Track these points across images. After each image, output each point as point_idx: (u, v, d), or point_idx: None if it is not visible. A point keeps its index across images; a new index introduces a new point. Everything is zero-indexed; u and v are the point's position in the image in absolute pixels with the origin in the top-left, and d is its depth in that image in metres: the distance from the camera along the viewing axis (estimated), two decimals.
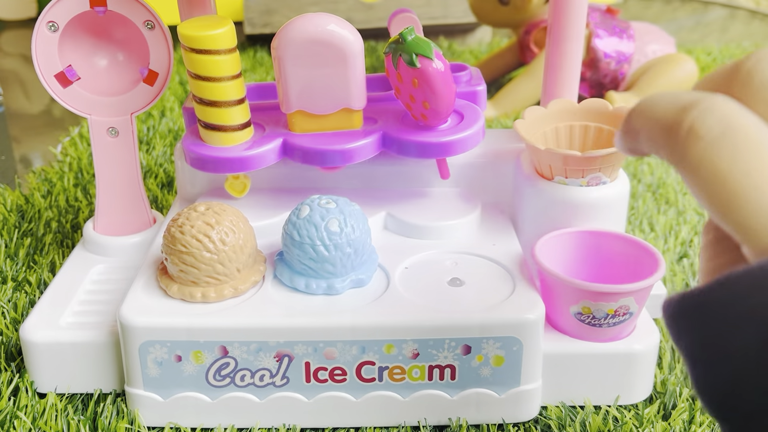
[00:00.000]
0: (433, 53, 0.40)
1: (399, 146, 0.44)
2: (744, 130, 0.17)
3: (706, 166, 0.18)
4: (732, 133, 0.17)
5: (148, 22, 0.44)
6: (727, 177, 0.17)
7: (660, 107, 0.19)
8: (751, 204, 0.17)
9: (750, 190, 0.17)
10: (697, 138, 0.18)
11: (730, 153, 0.17)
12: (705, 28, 1.27)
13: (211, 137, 0.44)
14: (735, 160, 0.17)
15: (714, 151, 0.17)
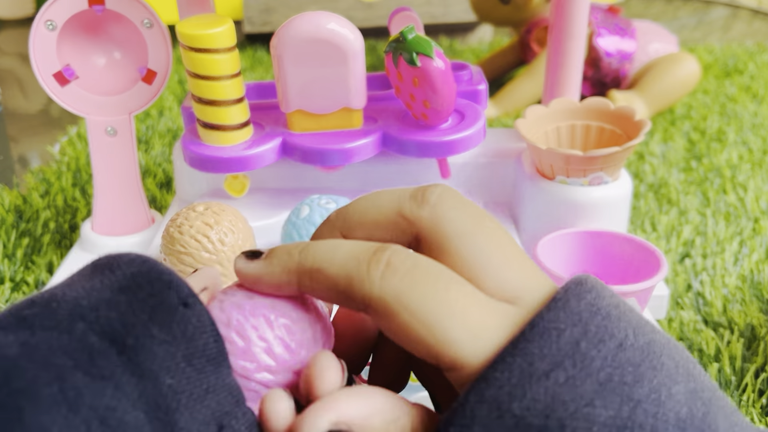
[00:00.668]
0: (433, 52, 0.40)
1: (399, 145, 0.44)
2: (425, 263, 0.20)
3: (405, 298, 0.19)
4: (415, 270, 0.20)
5: (147, 21, 0.44)
6: (426, 306, 0.19)
7: (346, 250, 0.21)
8: (450, 327, 0.19)
9: (446, 315, 0.19)
10: (394, 271, 0.19)
11: (422, 287, 0.19)
12: (707, 27, 1.27)
13: (210, 136, 0.44)
14: (428, 292, 0.19)
15: (408, 283, 0.19)
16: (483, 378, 0.18)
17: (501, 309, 0.20)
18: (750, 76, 0.98)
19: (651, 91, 0.81)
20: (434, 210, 0.21)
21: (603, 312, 0.19)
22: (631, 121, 0.46)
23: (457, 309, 0.19)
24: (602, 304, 0.20)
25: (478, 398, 0.18)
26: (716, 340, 0.46)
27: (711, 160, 0.73)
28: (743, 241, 0.59)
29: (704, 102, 0.89)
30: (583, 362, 0.18)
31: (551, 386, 0.18)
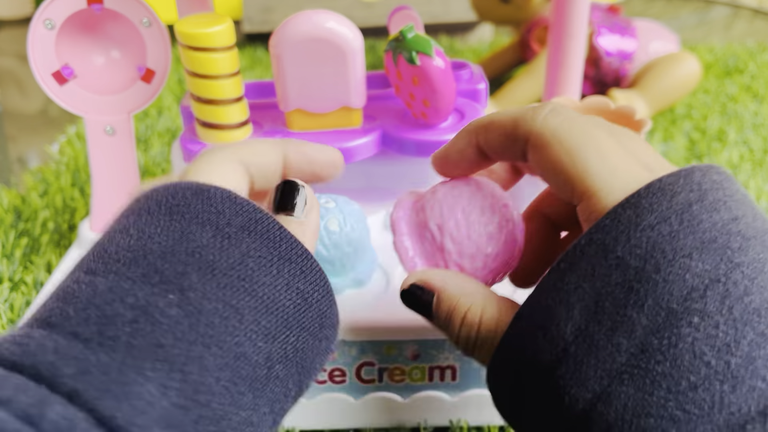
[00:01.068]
0: (433, 51, 0.40)
1: (399, 145, 0.44)
2: (582, 116, 0.24)
3: (561, 133, 0.23)
4: (578, 118, 0.24)
5: (146, 20, 0.44)
6: (575, 141, 0.23)
7: (514, 108, 0.25)
8: (591, 162, 0.22)
9: (592, 152, 0.23)
10: (557, 114, 0.24)
11: (578, 128, 0.23)
12: (708, 27, 1.26)
13: (209, 135, 0.44)
14: (582, 132, 0.23)
15: (567, 125, 0.23)
16: (596, 225, 0.21)
17: (638, 167, 0.22)
18: (751, 76, 0.98)
19: (651, 91, 0.81)
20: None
21: (727, 191, 0.21)
22: (631, 121, 0.45)
23: (602, 148, 0.23)
24: (729, 186, 0.22)
25: (588, 240, 0.21)
26: None
27: (712, 159, 0.73)
28: None
29: (705, 101, 0.89)
30: (691, 221, 0.20)
31: (654, 236, 0.20)
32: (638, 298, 0.20)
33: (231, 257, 0.21)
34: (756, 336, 0.19)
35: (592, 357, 0.20)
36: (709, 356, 0.19)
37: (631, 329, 0.20)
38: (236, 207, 0.22)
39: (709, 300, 0.19)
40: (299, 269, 0.23)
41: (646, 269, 0.20)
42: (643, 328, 0.20)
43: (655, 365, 0.19)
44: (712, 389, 0.18)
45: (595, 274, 0.21)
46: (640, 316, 0.20)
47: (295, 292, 0.22)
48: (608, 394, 0.20)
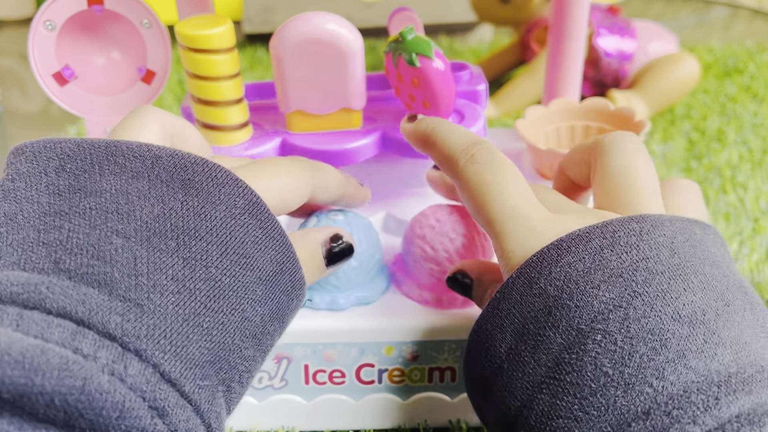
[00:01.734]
0: (433, 52, 0.40)
1: (399, 146, 0.44)
2: (503, 161, 0.29)
3: (476, 179, 0.29)
4: (497, 161, 0.29)
5: (146, 21, 0.44)
6: (486, 187, 0.28)
7: (454, 137, 0.31)
8: (497, 204, 0.28)
9: (496, 196, 0.28)
10: (474, 161, 0.29)
11: (491, 172, 0.28)
12: (707, 27, 1.26)
13: (209, 137, 0.44)
14: (494, 176, 0.28)
15: (482, 170, 0.29)
16: (527, 262, 0.26)
17: (550, 216, 0.27)
18: (750, 76, 0.98)
19: (651, 91, 0.81)
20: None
21: (644, 237, 0.25)
22: (631, 122, 0.45)
23: (509, 207, 0.28)
24: (650, 232, 0.25)
25: (518, 274, 0.26)
26: None
27: (711, 160, 0.73)
28: (743, 241, 0.59)
29: (704, 102, 0.89)
30: (601, 261, 0.24)
31: (570, 271, 0.24)
32: (555, 321, 0.24)
33: (236, 237, 0.25)
34: (648, 350, 0.22)
35: (519, 371, 0.25)
36: (608, 367, 0.22)
37: (548, 346, 0.24)
38: (240, 191, 0.26)
39: (611, 322, 0.23)
40: (279, 244, 0.27)
41: (562, 297, 0.24)
42: (558, 345, 0.24)
43: (565, 375, 0.23)
44: (607, 394, 0.22)
45: (522, 302, 0.25)
46: (556, 335, 0.24)
47: (276, 263, 0.27)
48: (531, 402, 0.24)
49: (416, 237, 0.38)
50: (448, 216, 0.38)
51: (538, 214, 0.27)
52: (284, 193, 0.29)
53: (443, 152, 0.31)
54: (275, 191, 0.29)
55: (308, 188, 0.31)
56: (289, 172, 0.30)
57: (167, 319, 0.22)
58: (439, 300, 0.38)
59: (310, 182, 0.31)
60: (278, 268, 0.27)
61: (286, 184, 0.29)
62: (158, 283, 0.22)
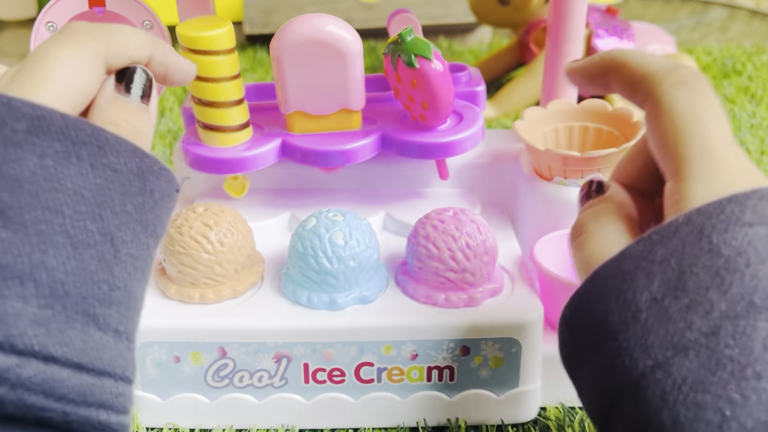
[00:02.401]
0: (432, 54, 0.40)
1: (398, 147, 0.44)
2: (714, 93, 0.25)
3: (683, 104, 0.24)
4: (709, 91, 0.25)
5: (147, 23, 0.44)
6: (694, 117, 0.24)
7: (652, 57, 0.26)
8: (695, 149, 0.24)
9: (698, 139, 0.24)
10: (685, 84, 0.25)
11: (703, 102, 0.24)
12: (705, 28, 1.27)
13: (210, 138, 0.44)
14: (706, 106, 0.24)
15: (694, 96, 0.24)
16: (698, 209, 0.22)
17: (739, 167, 0.24)
18: (748, 77, 0.98)
19: None
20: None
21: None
22: (628, 123, 0.46)
23: (711, 137, 0.24)
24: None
25: (686, 220, 0.22)
26: None
27: None
28: None
29: None
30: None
31: (751, 234, 0.21)
32: (723, 285, 0.21)
33: (29, 163, 0.22)
34: None
35: (661, 328, 0.21)
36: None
37: (707, 311, 0.21)
38: (17, 113, 0.22)
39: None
40: (97, 146, 0.23)
41: (737, 261, 0.21)
42: (720, 312, 0.21)
43: (724, 348, 0.20)
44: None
45: (685, 253, 0.22)
46: (720, 301, 0.21)
47: (101, 168, 0.23)
48: (670, 365, 0.21)
49: (420, 237, 0.39)
50: (451, 217, 0.39)
51: (739, 166, 0.23)
52: (69, 86, 0.25)
53: (639, 70, 0.26)
54: (57, 91, 0.24)
55: (98, 63, 0.26)
56: (67, 59, 0.25)
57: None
58: (447, 299, 0.39)
59: (98, 55, 0.26)
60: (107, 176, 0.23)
61: (66, 74, 0.25)
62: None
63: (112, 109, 0.26)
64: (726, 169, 0.23)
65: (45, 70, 0.24)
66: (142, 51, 0.28)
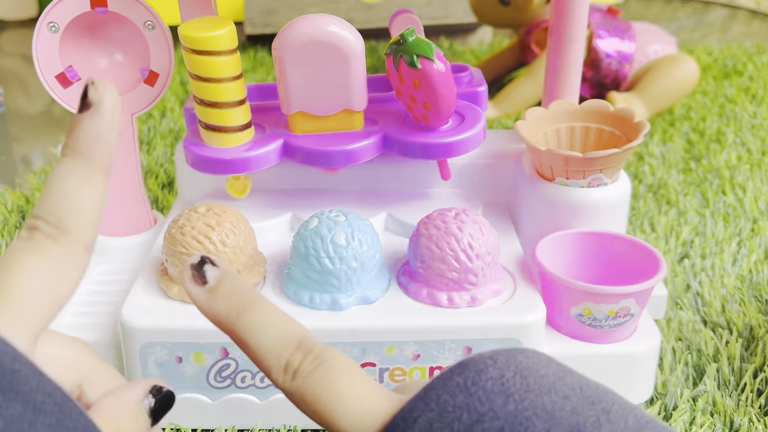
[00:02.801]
0: (434, 54, 0.40)
1: (400, 147, 0.44)
2: (332, 360, 0.23)
3: (304, 394, 0.23)
4: (324, 366, 0.23)
5: (149, 23, 0.44)
6: (314, 401, 0.23)
7: (272, 336, 0.24)
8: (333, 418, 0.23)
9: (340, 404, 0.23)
10: (300, 374, 0.23)
11: (319, 384, 0.23)
12: (706, 28, 1.27)
13: (211, 138, 0.44)
14: (321, 388, 0.23)
15: (307, 384, 0.23)
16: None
17: (381, 398, 0.23)
18: (749, 77, 0.98)
19: (650, 93, 0.81)
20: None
21: (471, 389, 0.22)
22: (630, 123, 0.46)
23: (342, 402, 0.23)
24: (477, 381, 0.22)
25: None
26: (715, 341, 0.47)
27: (710, 161, 0.74)
28: (742, 242, 0.59)
29: (703, 103, 0.89)
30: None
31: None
32: None
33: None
34: None
35: None
36: None
37: None
38: None
39: None
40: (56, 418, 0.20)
41: None
42: None
43: None
44: None
45: None
46: None
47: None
48: None
49: (422, 237, 0.39)
50: (453, 217, 0.39)
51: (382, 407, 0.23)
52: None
53: (259, 359, 0.24)
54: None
55: None
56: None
57: None
58: (450, 299, 0.39)
59: None
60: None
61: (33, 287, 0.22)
62: None
63: (128, 420, 0.24)
64: (371, 406, 0.23)
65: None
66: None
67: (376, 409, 0.23)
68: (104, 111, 0.24)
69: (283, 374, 0.23)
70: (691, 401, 0.42)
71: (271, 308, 0.24)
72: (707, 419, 0.41)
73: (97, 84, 0.24)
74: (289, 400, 0.24)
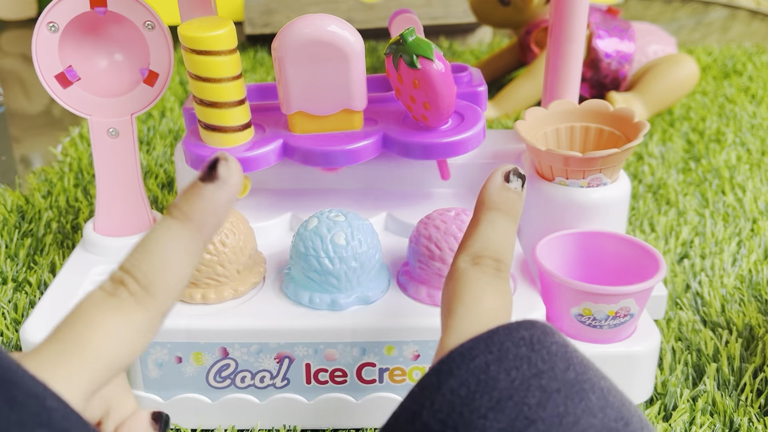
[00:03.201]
0: (433, 54, 0.40)
1: (400, 147, 0.44)
2: (505, 275, 0.27)
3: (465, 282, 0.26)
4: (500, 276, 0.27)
5: (149, 23, 0.44)
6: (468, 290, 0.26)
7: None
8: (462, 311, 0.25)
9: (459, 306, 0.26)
10: (480, 269, 0.27)
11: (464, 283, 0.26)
12: (705, 28, 1.27)
13: (211, 138, 0.44)
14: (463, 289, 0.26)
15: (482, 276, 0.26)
16: (409, 394, 0.23)
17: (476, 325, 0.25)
18: (749, 77, 0.98)
19: (650, 93, 0.81)
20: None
21: (536, 346, 0.23)
22: (629, 123, 0.46)
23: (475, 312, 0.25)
24: (542, 340, 0.23)
25: (401, 409, 0.23)
26: (715, 340, 0.47)
27: (709, 161, 0.74)
28: (742, 242, 0.59)
29: (703, 103, 0.89)
30: (487, 382, 0.22)
31: (453, 399, 0.21)
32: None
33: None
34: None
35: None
36: None
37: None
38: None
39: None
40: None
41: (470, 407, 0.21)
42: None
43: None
44: None
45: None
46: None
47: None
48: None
49: (423, 237, 0.39)
50: (452, 217, 0.39)
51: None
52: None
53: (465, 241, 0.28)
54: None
55: None
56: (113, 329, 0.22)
57: None
58: None
59: None
60: None
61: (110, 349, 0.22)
62: None
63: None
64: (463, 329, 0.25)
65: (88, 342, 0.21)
66: None
67: (473, 332, 0.24)
68: (230, 189, 0.24)
69: (469, 258, 0.27)
70: (691, 401, 0.42)
71: (514, 232, 0.29)
72: (707, 419, 0.41)
73: (230, 162, 0.24)
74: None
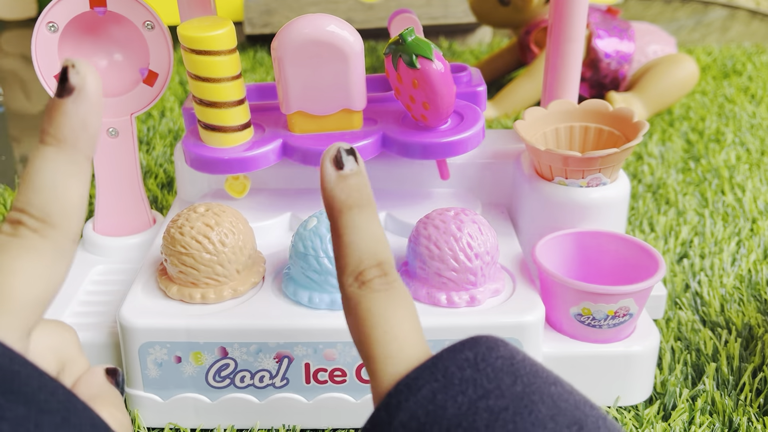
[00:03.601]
0: (433, 54, 0.40)
1: (399, 147, 0.44)
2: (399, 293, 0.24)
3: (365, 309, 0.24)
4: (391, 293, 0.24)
5: (148, 23, 0.44)
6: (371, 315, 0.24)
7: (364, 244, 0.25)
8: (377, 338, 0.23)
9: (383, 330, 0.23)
10: (372, 290, 0.24)
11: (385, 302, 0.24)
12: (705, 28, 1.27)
13: (210, 138, 0.44)
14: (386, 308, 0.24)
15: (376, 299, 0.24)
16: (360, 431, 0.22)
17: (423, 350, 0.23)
18: (748, 77, 0.99)
19: (649, 93, 0.81)
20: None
21: (480, 365, 0.22)
22: (629, 123, 0.46)
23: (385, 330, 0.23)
24: (486, 357, 0.22)
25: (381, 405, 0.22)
26: (714, 340, 0.47)
27: (709, 160, 0.74)
28: (741, 242, 0.59)
29: (702, 103, 0.89)
30: (435, 412, 0.21)
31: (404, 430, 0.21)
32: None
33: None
34: None
35: None
36: None
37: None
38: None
39: None
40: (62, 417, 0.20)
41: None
42: None
43: None
44: None
45: None
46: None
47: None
48: None
49: (422, 237, 0.39)
50: (452, 217, 0.39)
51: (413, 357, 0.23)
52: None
53: (339, 254, 0.25)
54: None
55: None
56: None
57: None
58: (449, 299, 0.39)
59: None
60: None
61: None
62: None
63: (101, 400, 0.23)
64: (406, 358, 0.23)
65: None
66: None
67: (407, 356, 0.23)
68: (88, 95, 0.22)
69: (353, 279, 0.24)
70: (690, 401, 0.42)
71: (377, 221, 0.25)
72: (706, 419, 0.41)
73: (77, 66, 0.21)
74: (341, 304, 0.26)
